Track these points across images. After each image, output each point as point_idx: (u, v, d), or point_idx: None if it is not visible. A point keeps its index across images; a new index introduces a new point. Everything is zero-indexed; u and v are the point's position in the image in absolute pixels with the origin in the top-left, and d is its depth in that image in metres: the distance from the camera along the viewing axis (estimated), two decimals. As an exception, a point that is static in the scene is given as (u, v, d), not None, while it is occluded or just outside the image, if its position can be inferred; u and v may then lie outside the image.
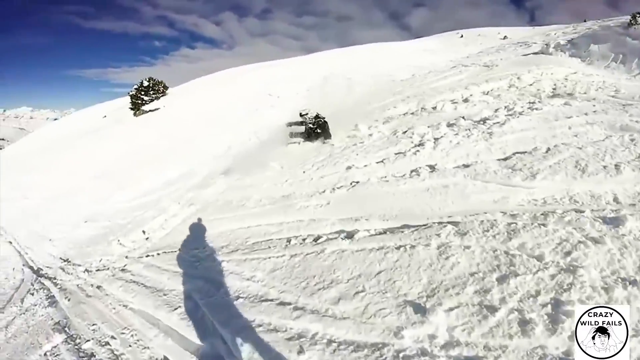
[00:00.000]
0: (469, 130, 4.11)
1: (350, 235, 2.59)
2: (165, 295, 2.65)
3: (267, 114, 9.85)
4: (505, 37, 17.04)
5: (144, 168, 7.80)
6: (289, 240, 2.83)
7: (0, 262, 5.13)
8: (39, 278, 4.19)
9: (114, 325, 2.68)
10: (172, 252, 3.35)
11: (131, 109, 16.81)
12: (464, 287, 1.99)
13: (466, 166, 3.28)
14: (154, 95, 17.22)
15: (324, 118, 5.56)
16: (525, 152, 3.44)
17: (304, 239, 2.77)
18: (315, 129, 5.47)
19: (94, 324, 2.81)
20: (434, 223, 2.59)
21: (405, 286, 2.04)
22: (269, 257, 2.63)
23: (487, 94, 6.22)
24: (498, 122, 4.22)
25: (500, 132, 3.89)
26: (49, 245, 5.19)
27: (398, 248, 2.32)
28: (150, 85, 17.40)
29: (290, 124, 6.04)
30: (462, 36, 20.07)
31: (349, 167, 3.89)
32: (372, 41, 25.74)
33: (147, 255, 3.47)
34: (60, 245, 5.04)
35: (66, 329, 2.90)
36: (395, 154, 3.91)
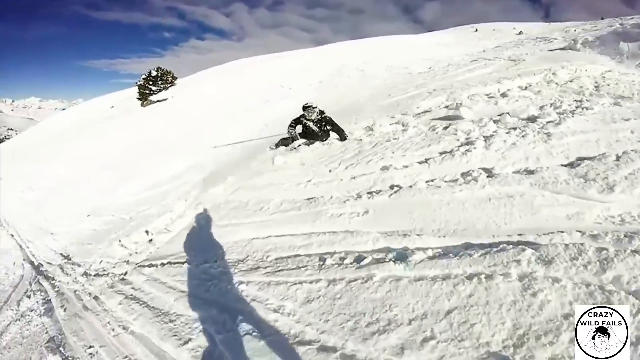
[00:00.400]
0: (520, 129, 3.58)
1: (402, 257, 2.08)
2: (172, 321, 2.19)
3: (278, 106, 9.46)
4: (520, 32, 16.40)
5: (150, 159, 7.52)
6: (322, 259, 2.30)
7: (1, 255, 4.95)
8: (38, 276, 3.95)
9: (113, 352, 2.26)
10: (178, 263, 2.88)
11: (138, 99, 16.50)
12: (558, 335, 1.53)
13: (530, 172, 2.75)
14: (162, 86, 16.89)
15: (324, 112, 4.78)
16: (593, 158, 2.93)
17: (342, 259, 2.25)
18: (324, 126, 4.70)
19: (91, 346, 2.43)
20: (502, 243, 2.09)
21: (486, 332, 1.55)
22: (300, 282, 2.13)
23: (525, 89, 5.70)
24: (552, 122, 3.69)
25: (558, 134, 3.36)
26: (50, 239, 4.93)
27: (470, 278, 1.82)
28: (159, 75, 17.04)
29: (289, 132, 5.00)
30: (476, 30, 19.44)
31: (385, 168, 3.35)
32: (384, 34, 25.13)
33: (151, 265, 3.02)
34: (62, 240, 4.78)
35: (61, 348, 2.55)
36: (440, 153, 3.37)
